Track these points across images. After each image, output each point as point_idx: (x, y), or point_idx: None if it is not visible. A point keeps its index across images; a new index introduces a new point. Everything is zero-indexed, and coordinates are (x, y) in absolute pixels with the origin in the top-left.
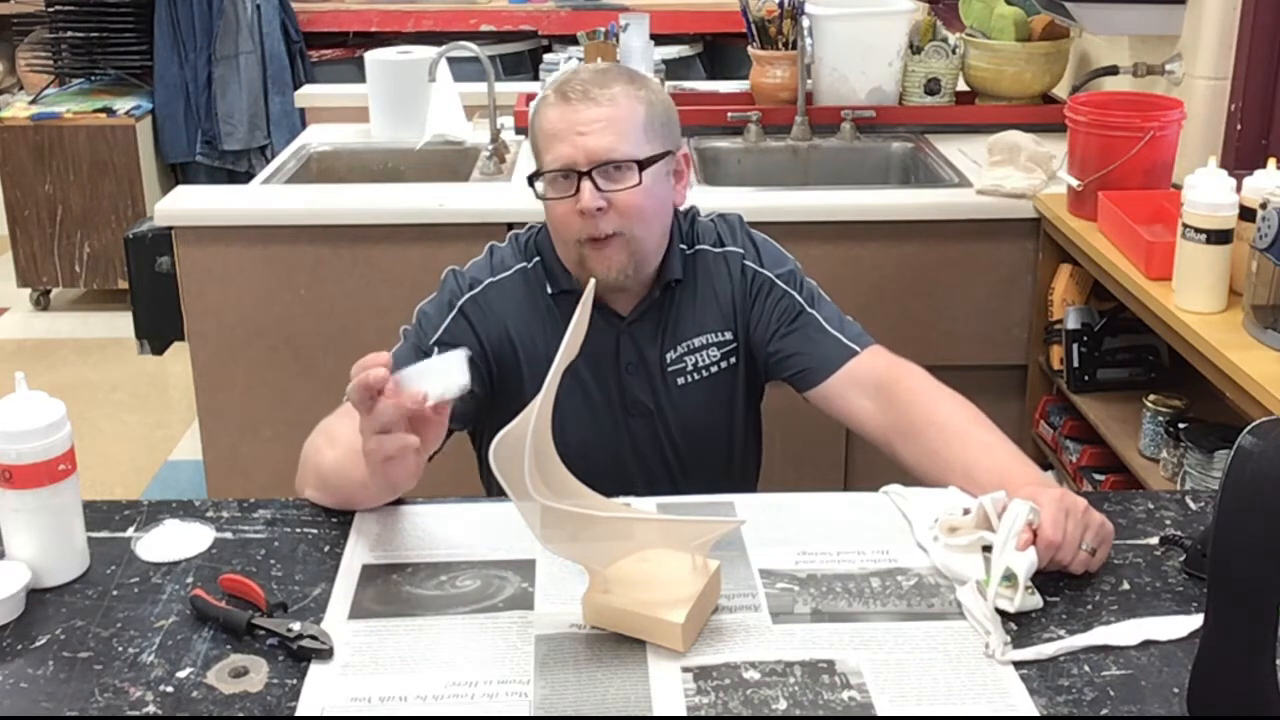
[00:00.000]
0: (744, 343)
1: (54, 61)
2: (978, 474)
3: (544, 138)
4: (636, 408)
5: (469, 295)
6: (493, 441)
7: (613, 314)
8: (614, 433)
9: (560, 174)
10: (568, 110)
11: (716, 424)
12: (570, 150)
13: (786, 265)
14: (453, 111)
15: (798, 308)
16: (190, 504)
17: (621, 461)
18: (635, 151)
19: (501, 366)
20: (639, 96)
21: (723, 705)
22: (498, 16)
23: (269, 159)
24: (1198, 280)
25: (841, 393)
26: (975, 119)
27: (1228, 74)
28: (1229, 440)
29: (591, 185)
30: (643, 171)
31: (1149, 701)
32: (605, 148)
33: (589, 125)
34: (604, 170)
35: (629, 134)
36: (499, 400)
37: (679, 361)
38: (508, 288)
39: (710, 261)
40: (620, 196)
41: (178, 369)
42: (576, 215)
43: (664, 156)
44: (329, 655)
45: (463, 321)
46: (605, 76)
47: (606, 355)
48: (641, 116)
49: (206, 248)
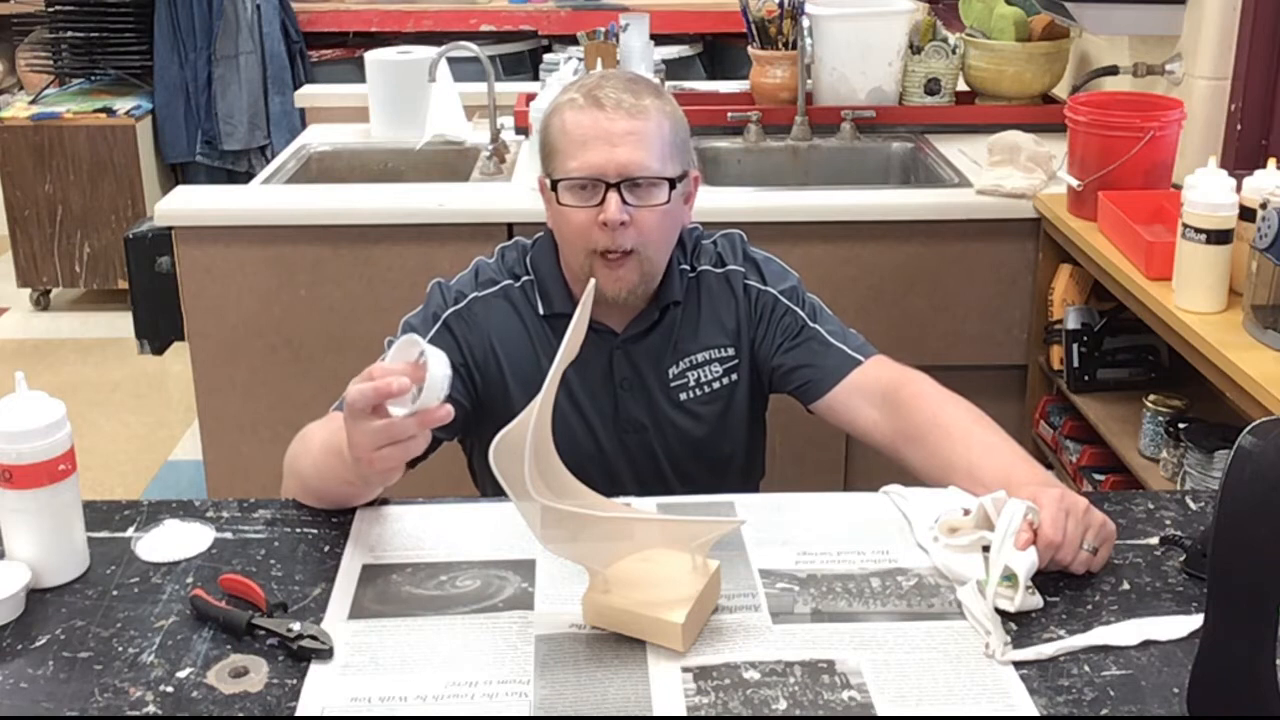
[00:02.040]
0: (748, 359)
1: (54, 61)
2: (982, 474)
3: (569, 142)
4: (631, 424)
5: (453, 309)
6: (493, 442)
7: (606, 331)
8: (609, 448)
9: (585, 182)
10: (600, 117)
11: (717, 440)
12: (600, 160)
13: (789, 281)
14: (453, 111)
15: (800, 323)
16: (190, 504)
17: (616, 477)
18: (664, 169)
19: (486, 380)
20: (666, 112)
21: (723, 705)
22: (498, 16)
23: (269, 159)
24: (1198, 280)
25: (846, 403)
26: (975, 119)
27: (1228, 74)
28: (1229, 440)
29: (618, 198)
30: (671, 190)
31: (1149, 701)
32: (637, 162)
33: (621, 137)
34: (631, 185)
35: (659, 150)
36: (485, 413)
37: (681, 378)
38: (492, 304)
39: (712, 282)
40: (643, 214)
41: (178, 369)
42: (596, 226)
43: (684, 177)
44: (329, 655)
45: (447, 335)
46: (637, 87)
47: (599, 372)
48: (668, 133)
49: (206, 248)
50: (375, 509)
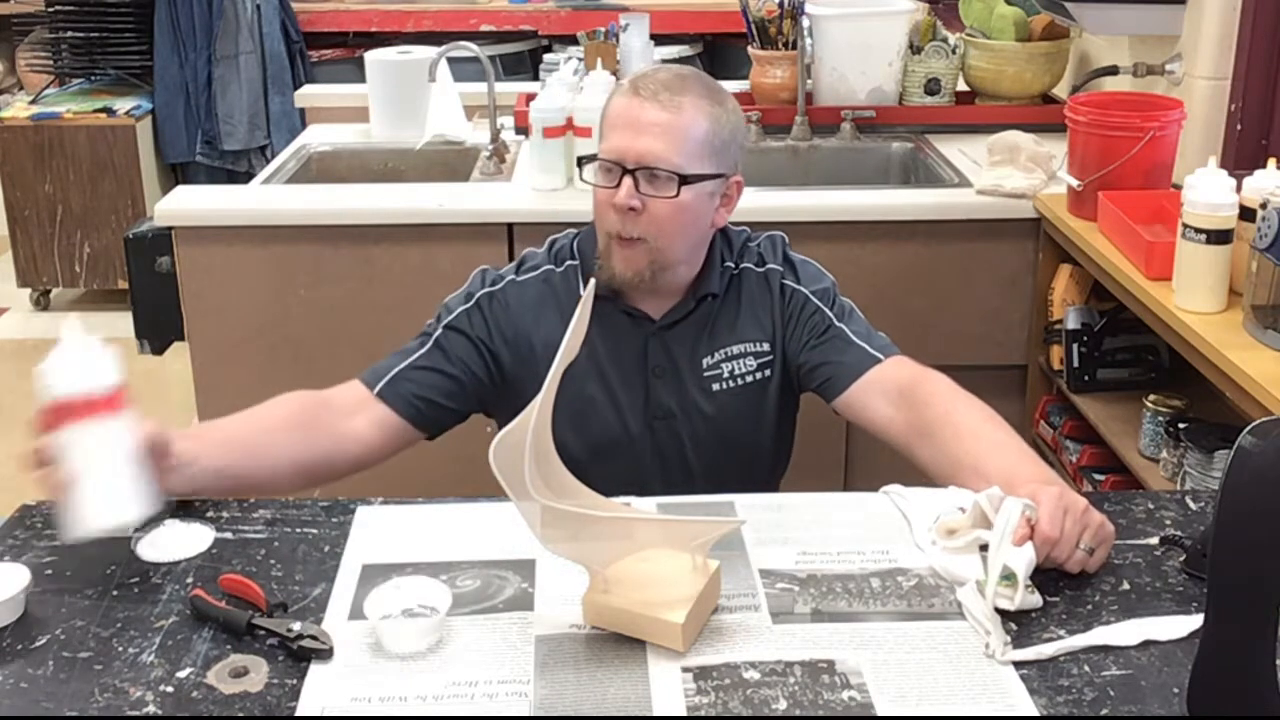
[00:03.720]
0: (780, 356)
1: (54, 61)
2: (987, 471)
3: (607, 125)
4: (660, 410)
5: (487, 290)
6: (493, 442)
7: (643, 317)
8: (637, 434)
9: (609, 164)
10: (634, 104)
11: (745, 432)
12: (622, 144)
13: (822, 283)
14: (453, 111)
15: (827, 322)
16: (190, 504)
17: (641, 462)
18: (683, 165)
19: (516, 359)
20: (708, 112)
21: (723, 705)
22: (498, 16)
23: (269, 159)
24: (1198, 280)
25: (864, 399)
26: (975, 119)
27: (1228, 74)
28: (1229, 440)
29: (631, 184)
30: (682, 186)
31: (1149, 701)
32: (654, 153)
33: (648, 126)
34: (646, 173)
35: (682, 146)
36: (512, 390)
37: (715, 368)
38: (528, 288)
39: (753, 280)
40: (655, 203)
41: (178, 369)
42: (611, 208)
43: (713, 178)
44: (329, 655)
45: (477, 313)
46: (682, 83)
47: (634, 357)
48: (703, 132)
49: (206, 248)
50: (375, 509)
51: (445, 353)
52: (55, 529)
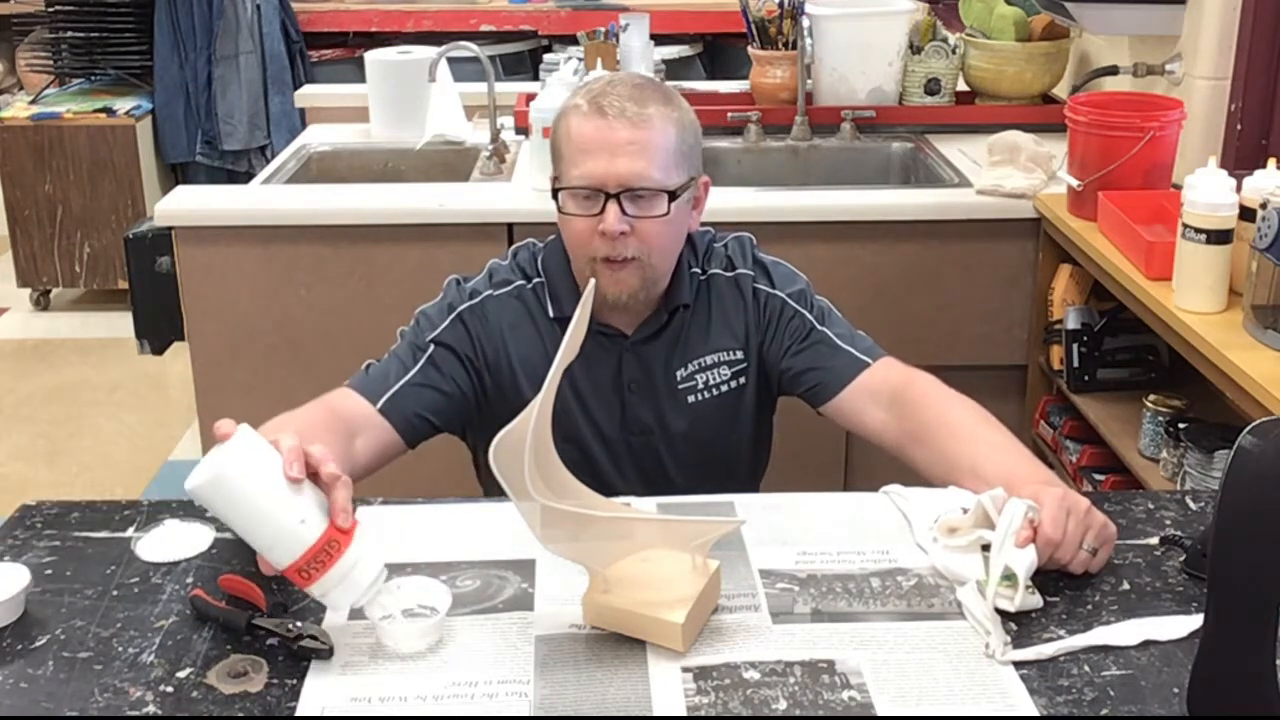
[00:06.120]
0: (756, 363)
1: (54, 61)
2: (985, 473)
3: (572, 150)
4: (637, 426)
5: (468, 304)
6: (492, 442)
7: (616, 333)
8: (614, 451)
9: (587, 191)
10: (602, 125)
11: (722, 442)
12: (600, 170)
13: (797, 285)
14: (453, 111)
15: (809, 326)
16: (190, 504)
17: (621, 479)
18: (665, 180)
19: (496, 378)
20: (673, 119)
21: (723, 705)
22: (498, 16)
23: (269, 159)
24: (1198, 280)
25: (855, 405)
26: (975, 119)
27: (1228, 74)
28: (1229, 440)
29: (617, 209)
30: (671, 202)
31: (1149, 701)
32: (637, 173)
33: (622, 147)
34: (631, 195)
35: (661, 161)
36: (493, 410)
37: (689, 379)
38: (505, 303)
39: (722, 285)
40: (644, 224)
41: (178, 369)
42: (597, 234)
43: (689, 185)
44: (329, 655)
45: (460, 327)
46: (643, 94)
47: (608, 374)
48: (674, 141)
49: (206, 248)
50: (375, 509)
51: (440, 370)
52: (57, 529)
